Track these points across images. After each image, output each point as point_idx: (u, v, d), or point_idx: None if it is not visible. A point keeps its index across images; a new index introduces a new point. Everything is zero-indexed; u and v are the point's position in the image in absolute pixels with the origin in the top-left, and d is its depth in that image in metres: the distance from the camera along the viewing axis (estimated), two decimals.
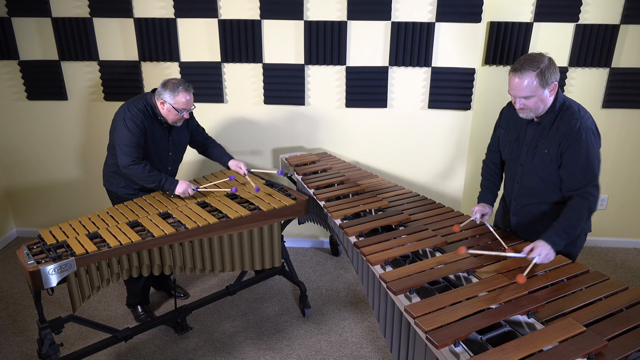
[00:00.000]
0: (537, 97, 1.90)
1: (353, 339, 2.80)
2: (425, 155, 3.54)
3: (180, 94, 2.49)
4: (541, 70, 1.85)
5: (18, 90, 3.54)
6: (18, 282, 3.35)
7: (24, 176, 3.79)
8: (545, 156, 1.99)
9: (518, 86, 1.89)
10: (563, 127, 1.93)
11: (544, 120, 1.99)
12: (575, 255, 2.11)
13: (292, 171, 3.22)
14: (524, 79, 1.87)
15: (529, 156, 2.06)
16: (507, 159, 2.20)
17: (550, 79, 1.88)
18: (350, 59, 3.34)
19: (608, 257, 3.69)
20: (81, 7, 3.30)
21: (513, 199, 2.19)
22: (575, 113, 1.93)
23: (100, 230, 2.28)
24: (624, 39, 3.29)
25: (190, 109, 2.58)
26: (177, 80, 2.52)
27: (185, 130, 2.79)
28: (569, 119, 1.92)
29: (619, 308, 1.59)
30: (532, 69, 1.86)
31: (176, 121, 2.60)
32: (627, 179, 3.64)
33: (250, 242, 2.57)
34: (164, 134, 2.66)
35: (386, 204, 2.52)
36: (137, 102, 2.56)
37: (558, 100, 1.96)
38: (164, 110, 2.55)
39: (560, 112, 1.96)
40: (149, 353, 2.69)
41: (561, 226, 1.88)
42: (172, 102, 2.50)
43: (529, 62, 1.87)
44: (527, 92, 1.89)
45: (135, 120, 2.50)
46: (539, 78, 1.86)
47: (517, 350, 1.37)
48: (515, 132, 2.12)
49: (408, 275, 1.81)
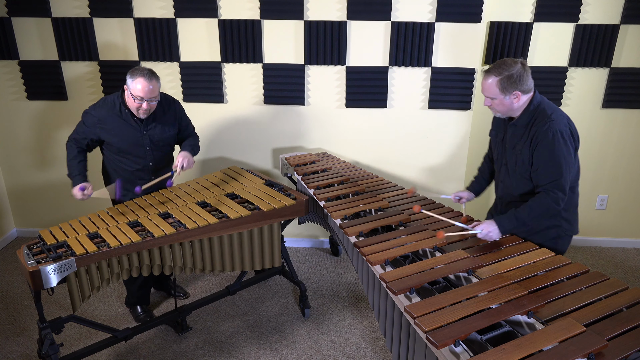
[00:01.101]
0: (499, 101, 2.03)
1: (353, 339, 2.80)
2: (425, 155, 3.54)
3: (137, 80, 2.42)
4: (503, 78, 1.97)
5: (18, 90, 3.54)
6: (18, 282, 3.35)
7: (24, 176, 3.79)
8: (519, 157, 2.09)
9: (483, 86, 2.06)
10: (534, 129, 2.02)
11: (519, 122, 2.09)
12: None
13: (292, 171, 3.22)
14: (487, 81, 2.03)
15: (511, 157, 2.15)
16: (495, 158, 2.30)
17: (511, 89, 1.99)
18: (350, 59, 3.34)
19: (608, 257, 3.69)
20: (81, 7, 3.30)
21: (498, 197, 2.31)
22: (546, 116, 2.00)
23: (100, 230, 2.28)
24: (624, 39, 3.29)
25: (149, 100, 2.47)
26: (144, 68, 2.47)
27: (168, 127, 2.70)
28: (541, 122, 2.00)
29: (619, 308, 1.59)
30: (495, 74, 2.00)
31: (135, 110, 2.51)
32: (627, 179, 3.64)
33: (250, 242, 2.58)
34: (135, 127, 2.59)
35: (386, 204, 2.52)
36: (111, 95, 2.61)
37: (533, 103, 2.05)
38: (127, 97, 2.51)
39: (534, 116, 2.05)
40: (149, 353, 2.69)
41: (514, 212, 2.02)
42: (130, 88, 2.46)
43: (497, 67, 2.00)
44: (488, 94, 2.05)
45: (87, 110, 2.58)
46: (499, 84, 1.99)
47: (517, 350, 1.37)
48: (501, 133, 2.22)
49: (408, 275, 1.81)
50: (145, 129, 2.62)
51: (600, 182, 3.66)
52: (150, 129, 2.64)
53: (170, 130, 2.73)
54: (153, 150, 2.69)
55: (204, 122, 3.54)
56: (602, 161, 3.61)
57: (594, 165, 3.61)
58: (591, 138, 3.53)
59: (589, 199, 3.70)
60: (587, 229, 3.80)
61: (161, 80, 2.60)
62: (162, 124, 2.68)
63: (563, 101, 3.45)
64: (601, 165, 3.62)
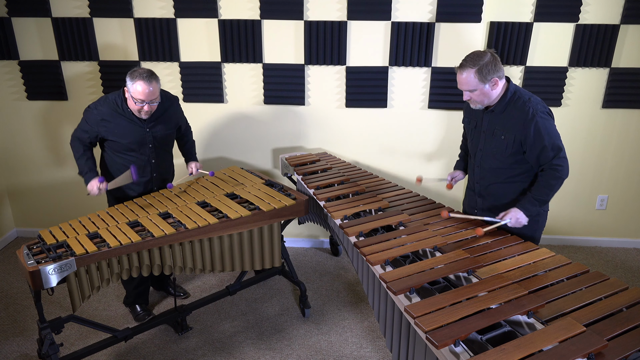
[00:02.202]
0: (480, 91, 2.12)
1: (353, 339, 2.80)
2: (425, 155, 3.54)
3: (137, 83, 2.41)
4: (479, 68, 2.06)
5: (18, 90, 3.54)
6: (18, 282, 3.35)
7: (24, 176, 3.79)
8: (501, 141, 2.19)
9: (460, 81, 2.14)
10: (516, 114, 2.13)
11: (497, 108, 2.19)
12: (537, 237, 2.30)
13: (292, 171, 3.22)
14: (463, 75, 2.10)
15: (487, 142, 2.26)
16: (470, 145, 2.41)
17: (490, 76, 2.08)
18: (350, 59, 3.34)
19: (608, 257, 3.69)
20: (81, 7, 3.30)
21: (476, 182, 2.39)
22: (526, 101, 2.12)
23: (100, 230, 2.28)
24: (624, 39, 3.29)
25: (150, 102, 2.47)
26: (143, 70, 2.45)
27: (169, 124, 2.71)
28: (521, 107, 2.12)
29: (619, 308, 1.59)
30: (471, 66, 2.08)
31: (137, 112, 2.52)
32: (627, 179, 3.64)
33: (250, 242, 2.58)
34: (138, 125, 2.59)
35: (386, 204, 2.52)
36: (112, 94, 2.60)
37: (509, 90, 2.16)
38: (128, 99, 2.51)
39: (512, 101, 2.16)
40: (149, 353, 2.69)
41: (532, 194, 2.13)
42: (130, 91, 2.45)
43: (470, 59, 2.09)
44: (468, 87, 2.12)
45: (90, 109, 2.57)
46: (478, 74, 2.07)
47: (517, 350, 1.37)
48: (475, 120, 2.33)
49: (408, 275, 1.81)
50: (149, 126, 2.63)
51: (600, 182, 3.66)
52: (153, 126, 2.64)
53: (172, 127, 2.75)
54: (156, 147, 2.70)
55: (204, 122, 3.54)
56: (602, 161, 3.61)
57: (594, 165, 3.61)
58: (591, 138, 3.53)
59: (589, 199, 3.70)
60: (587, 229, 3.80)
61: (161, 81, 2.60)
62: (165, 121, 2.69)
63: (563, 101, 3.45)
64: (601, 165, 3.61)
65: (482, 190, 2.37)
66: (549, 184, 2.10)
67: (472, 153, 2.39)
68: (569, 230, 3.81)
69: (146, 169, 2.71)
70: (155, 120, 2.64)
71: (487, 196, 2.35)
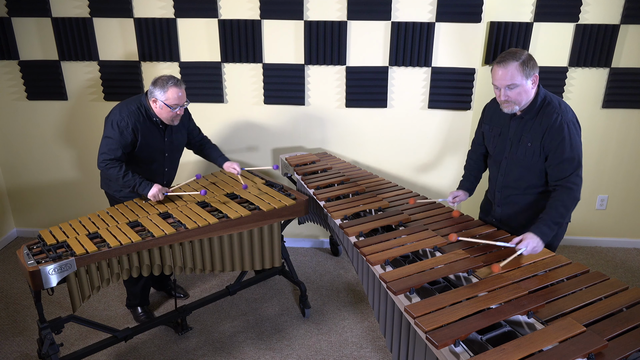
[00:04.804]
0: (520, 88, 2.00)
1: (353, 339, 2.80)
2: (425, 155, 3.54)
3: (170, 89, 2.44)
4: (523, 61, 1.97)
5: (18, 90, 3.54)
6: (18, 282, 3.35)
7: (24, 176, 3.79)
8: (528, 149, 2.10)
9: (502, 76, 2.00)
10: (545, 121, 2.03)
11: (527, 115, 2.09)
12: (555, 246, 2.21)
13: (292, 171, 3.22)
14: (508, 69, 1.98)
15: (513, 150, 2.16)
16: (492, 153, 2.30)
17: (532, 71, 2.00)
18: (350, 59, 3.34)
19: (608, 257, 3.69)
20: (81, 7, 3.30)
21: (497, 191, 2.29)
22: (556, 107, 2.03)
23: (100, 230, 2.29)
24: (624, 39, 3.29)
25: (183, 105, 2.51)
26: (167, 76, 2.49)
27: (182, 131, 2.75)
28: (550, 113, 2.02)
29: (619, 308, 1.59)
30: (514, 59, 1.97)
31: (171, 119, 2.53)
32: (627, 179, 3.64)
33: (250, 242, 2.58)
34: (160, 135, 2.62)
35: (386, 204, 2.52)
36: (130, 105, 2.54)
37: (540, 95, 2.07)
38: (157, 108, 2.51)
39: (542, 107, 2.06)
40: (149, 353, 2.69)
41: (549, 217, 1.98)
42: (163, 99, 2.46)
43: (511, 54, 1.99)
44: (512, 81, 1.98)
45: (122, 123, 2.47)
46: (521, 68, 1.97)
47: (517, 350, 1.37)
48: (499, 127, 2.24)
49: (408, 275, 1.81)
50: (166, 135, 2.64)
51: (600, 182, 3.66)
52: (168, 135, 2.65)
53: (184, 134, 2.79)
54: (170, 155, 2.73)
55: (204, 122, 3.53)
56: (602, 161, 3.61)
57: (594, 165, 3.61)
58: (591, 138, 3.53)
59: (589, 199, 3.70)
60: (587, 229, 3.80)
61: None
62: (178, 128, 2.71)
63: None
64: (601, 165, 3.62)
65: (502, 200, 2.27)
66: (565, 205, 1.99)
67: (495, 161, 2.28)
68: (569, 230, 3.76)
69: (158, 178, 2.71)
70: (171, 128, 2.66)
71: (505, 206, 2.27)
